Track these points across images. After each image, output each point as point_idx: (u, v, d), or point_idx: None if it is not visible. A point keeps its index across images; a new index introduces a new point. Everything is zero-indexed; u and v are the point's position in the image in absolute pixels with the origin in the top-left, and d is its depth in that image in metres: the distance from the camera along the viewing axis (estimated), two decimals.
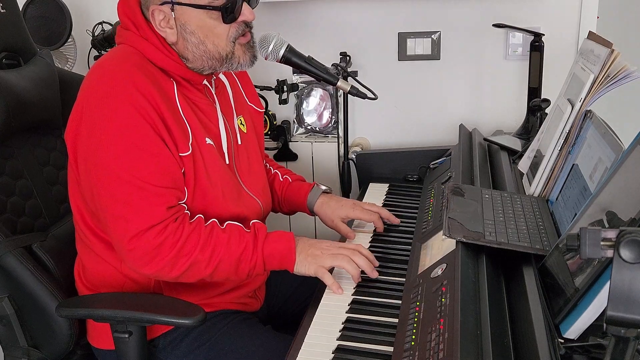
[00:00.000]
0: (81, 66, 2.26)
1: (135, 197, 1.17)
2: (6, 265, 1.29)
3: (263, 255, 1.26)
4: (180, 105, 1.25)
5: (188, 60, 1.28)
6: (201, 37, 1.25)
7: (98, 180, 1.19)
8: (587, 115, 1.29)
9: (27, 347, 1.36)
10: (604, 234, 0.65)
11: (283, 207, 1.60)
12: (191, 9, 1.23)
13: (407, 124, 2.24)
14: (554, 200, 1.31)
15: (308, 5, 2.17)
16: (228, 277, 1.27)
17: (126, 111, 1.16)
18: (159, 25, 1.24)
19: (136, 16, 1.26)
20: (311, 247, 1.30)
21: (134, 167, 1.17)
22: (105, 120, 1.17)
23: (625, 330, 0.65)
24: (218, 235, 1.24)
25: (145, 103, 1.17)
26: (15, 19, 1.48)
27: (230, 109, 1.42)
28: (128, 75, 1.19)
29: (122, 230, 1.18)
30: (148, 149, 1.18)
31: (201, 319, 1.18)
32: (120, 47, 1.29)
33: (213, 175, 1.28)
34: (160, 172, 1.19)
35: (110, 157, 1.17)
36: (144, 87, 1.18)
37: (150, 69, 1.24)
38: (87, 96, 1.21)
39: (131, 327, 1.22)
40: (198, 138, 1.26)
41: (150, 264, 1.19)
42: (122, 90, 1.17)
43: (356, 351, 1.07)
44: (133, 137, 1.17)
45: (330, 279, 1.27)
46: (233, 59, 1.29)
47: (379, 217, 1.52)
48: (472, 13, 2.08)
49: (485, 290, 1.00)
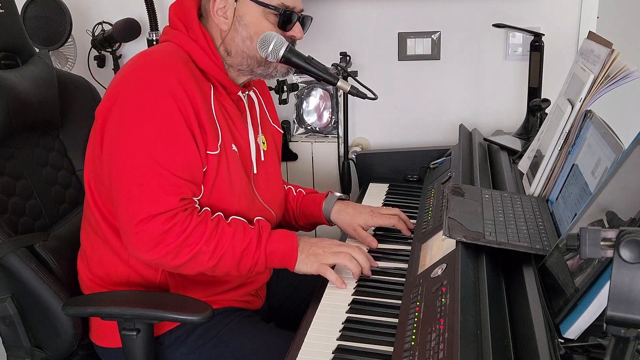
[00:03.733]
0: (81, 66, 2.26)
1: (153, 182, 1.19)
2: (9, 265, 1.29)
3: (266, 252, 1.27)
4: (215, 108, 1.28)
5: (230, 55, 1.32)
6: (251, 33, 1.30)
7: (120, 160, 1.21)
8: (587, 115, 1.29)
9: (30, 347, 1.36)
10: (604, 234, 0.65)
11: (299, 220, 1.59)
12: (253, 4, 1.29)
13: (407, 124, 2.24)
14: (554, 200, 1.31)
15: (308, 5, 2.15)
16: (229, 271, 1.27)
17: (164, 99, 1.19)
18: (216, 13, 1.29)
19: (191, 17, 1.31)
20: (313, 246, 1.31)
21: (157, 153, 1.19)
22: (142, 104, 1.20)
23: (625, 330, 0.65)
24: (223, 228, 1.25)
25: (184, 96, 1.20)
26: (14, 19, 1.48)
27: (257, 125, 1.45)
28: (173, 66, 1.23)
29: (132, 213, 1.19)
30: (175, 139, 1.20)
31: (209, 316, 1.19)
32: (167, 44, 1.32)
33: (234, 179, 1.31)
34: (182, 164, 1.21)
35: (137, 140, 1.19)
36: (186, 80, 1.22)
37: (193, 68, 1.27)
38: (127, 78, 1.24)
39: (139, 324, 1.23)
40: (226, 142, 1.29)
41: (154, 249, 1.20)
42: (165, 79, 1.20)
43: (356, 351, 1.07)
44: (164, 124, 1.19)
45: (333, 274, 1.28)
46: (271, 65, 1.34)
47: (399, 219, 1.51)
48: (472, 13, 2.08)
49: (485, 290, 1.00)
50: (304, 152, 2.29)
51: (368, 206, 1.56)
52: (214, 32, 1.33)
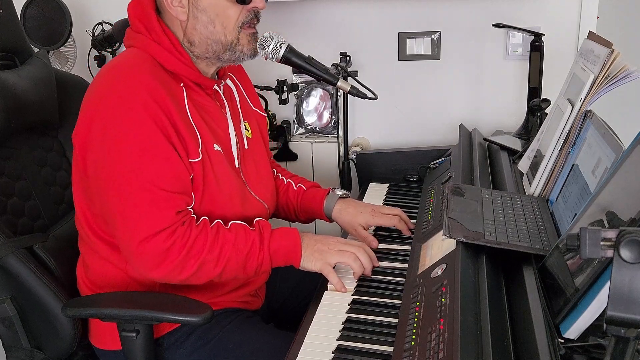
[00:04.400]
0: (81, 66, 2.26)
1: (146, 201, 1.17)
2: (8, 267, 1.29)
3: (270, 252, 1.27)
4: (190, 112, 1.26)
5: (194, 45, 1.28)
6: (211, 17, 1.26)
7: (108, 184, 1.19)
8: (587, 115, 1.29)
9: (30, 348, 1.36)
10: (604, 234, 0.65)
11: (300, 215, 1.59)
12: None
13: (407, 124, 2.24)
14: (554, 200, 1.31)
15: (308, 5, 2.17)
16: (236, 275, 1.27)
17: (138, 117, 1.17)
18: (171, 4, 1.25)
19: (150, 18, 1.27)
20: (317, 243, 1.31)
21: (144, 172, 1.17)
22: (119, 125, 1.17)
23: (625, 330, 0.65)
24: (224, 235, 1.24)
25: (158, 109, 1.18)
26: (12, 19, 1.48)
27: (238, 114, 1.43)
28: (140, 81, 1.19)
29: (131, 234, 1.18)
30: (159, 155, 1.18)
31: (209, 317, 1.19)
32: (130, 50, 1.29)
33: (221, 181, 1.29)
34: (171, 178, 1.19)
35: (122, 162, 1.17)
36: (157, 93, 1.19)
37: (162, 74, 1.24)
38: (98, 100, 1.21)
39: (138, 325, 1.23)
40: (207, 145, 1.27)
41: (160, 267, 1.20)
42: (135, 96, 1.18)
43: (356, 351, 1.07)
44: (145, 142, 1.17)
45: (335, 277, 1.28)
46: (237, 46, 1.30)
47: (399, 220, 1.50)
48: (472, 13, 2.08)
49: (485, 290, 1.00)
50: (304, 152, 2.29)
51: (369, 205, 1.55)
52: (174, 26, 1.28)
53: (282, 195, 1.59)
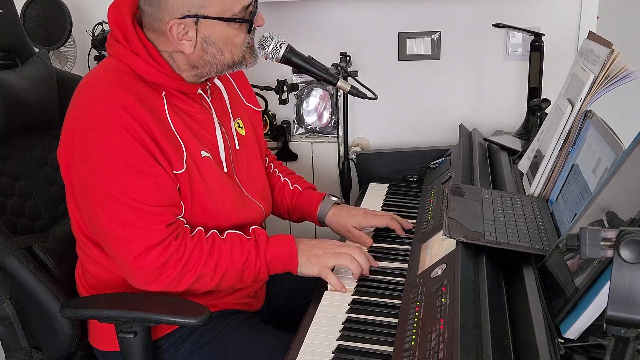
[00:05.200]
0: (81, 66, 2.26)
1: (133, 217, 1.17)
2: (7, 267, 1.29)
3: (266, 261, 1.27)
4: (172, 121, 1.24)
5: (197, 68, 1.27)
6: (221, 47, 1.24)
7: (95, 204, 1.19)
8: (587, 115, 1.29)
9: (29, 348, 1.36)
10: (604, 234, 0.65)
11: (293, 215, 1.59)
12: (216, 22, 1.21)
13: (407, 124, 2.24)
14: (554, 200, 1.31)
15: (308, 5, 2.17)
16: (234, 285, 1.29)
17: (117, 133, 1.16)
18: (177, 38, 1.21)
19: (127, 27, 1.25)
20: (313, 248, 1.31)
21: (129, 189, 1.17)
22: (98, 144, 1.17)
23: (625, 330, 0.65)
24: (220, 246, 1.24)
25: (135, 124, 1.17)
26: (13, 19, 1.48)
27: (227, 113, 1.41)
28: (115, 97, 1.18)
29: (125, 252, 1.18)
30: (142, 170, 1.18)
31: (206, 319, 1.18)
32: (108, 62, 1.28)
33: (212, 188, 1.29)
34: (156, 191, 1.19)
35: (105, 180, 1.17)
36: (132, 107, 1.18)
37: (139, 87, 1.22)
38: (77, 119, 1.21)
39: (136, 327, 1.23)
40: (192, 153, 1.26)
41: (156, 282, 1.20)
42: (111, 114, 1.17)
43: (356, 351, 1.07)
44: (126, 158, 1.17)
45: (334, 279, 1.28)
46: (242, 62, 1.30)
47: (392, 218, 1.51)
48: (472, 13, 2.08)
49: (485, 290, 1.00)
50: (304, 152, 2.29)
51: (361, 208, 1.56)
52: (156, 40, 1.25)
53: (278, 193, 1.59)
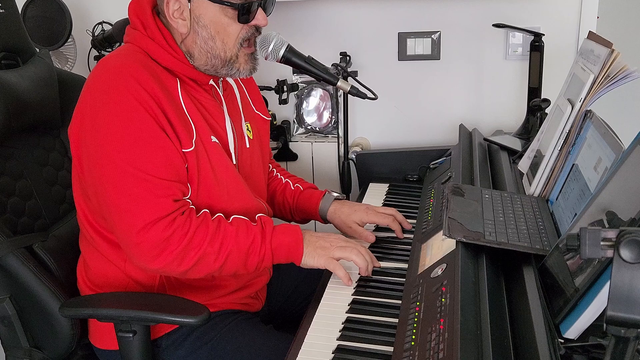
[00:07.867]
0: (81, 66, 2.26)
1: (141, 189, 1.17)
2: (8, 266, 1.29)
3: (271, 247, 1.26)
4: (184, 103, 1.25)
5: (193, 57, 1.28)
6: (212, 33, 1.25)
7: (103, 174, 1.19)
8: (587, 115, 1.29)
9: (29, 347, 1.36)
10: (604, 234, 0.65)
11: (295, 215, 1.59)
12: (208, 3, 1.23)
13: (407, 124, 2.24)
14: (554, 200, 1.31)
15: (308, 5, 2.17)
16: (237, 270, 1.26)
17: (129, 104, 1.17)
18: (172, 15, 1.24)
19: (146, 16, 1.27)
20: (319, 240, 1.31)
21: (138, 160, 1.17)
22: (109, 114, 1.17)
23: (625, 330, 0.65)
24: (226, 228, 1.23)
25: (148, 97, 1.18)
26: (14, 19, 1.48)
27: (239, 112, 1.42)
28: (130, 70, 1.19)
29: (129, 224, 1.17)
30: (152, 142, 1.18)
31: (206, 318, 1.18)
32: (125, 45, 1.30)
33: (220, 174, 1.29)
34: (165, 165, 1.19)
35: (115, 150, 1.17)
36: (146, 81, 1.19)
37: (154, 67, 1.24)
38: (90, 92, 1.22)
39: (135, 326, 1.22)
40: (203, 136, 1.26)
41: (159, 257, 1.18)
42: (125, 84, 1.18)
43: (356, 351, 1.07)
44: (137, 129, 1.17)
45: (341, 270, 1.28)
46: (235, 63, 1.29)
47: (394, 219, 1.50)
48: (472, 13, 2.08)
49: (485, 290, 1.00)
50: (304, 152, 2.29)
51: (364, 204, 1.56)
52: (172, 28, 1.28)
53: (279, 194, 1.59)
